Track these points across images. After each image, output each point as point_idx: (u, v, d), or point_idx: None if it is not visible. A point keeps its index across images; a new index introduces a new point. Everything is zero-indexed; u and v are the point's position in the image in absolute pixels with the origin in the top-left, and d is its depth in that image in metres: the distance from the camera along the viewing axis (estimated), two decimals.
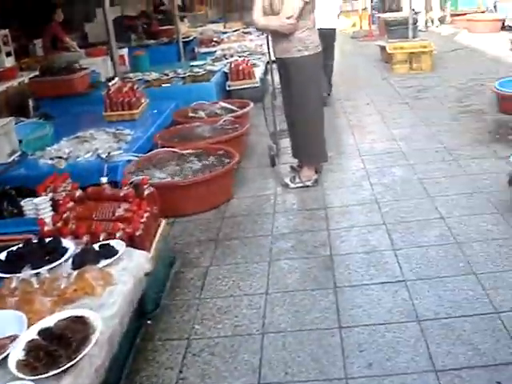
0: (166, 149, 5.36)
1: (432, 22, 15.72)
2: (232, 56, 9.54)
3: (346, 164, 5.63)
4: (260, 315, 3.28)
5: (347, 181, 5.20)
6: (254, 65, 8.65)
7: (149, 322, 3.33)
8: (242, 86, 8.06)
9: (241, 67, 8.17)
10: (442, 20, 15.80)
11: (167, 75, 8.26)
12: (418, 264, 3.65)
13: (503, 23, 13.72)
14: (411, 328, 3.03)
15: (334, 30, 8.41)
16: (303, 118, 4.96)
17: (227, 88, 8.11)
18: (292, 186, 5.11)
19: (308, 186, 5.08)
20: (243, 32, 12.75)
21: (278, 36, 4.78)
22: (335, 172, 5.41)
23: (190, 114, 6.58)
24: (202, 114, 6.57)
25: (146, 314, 3.35)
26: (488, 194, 4.56)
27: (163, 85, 7.75)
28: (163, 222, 3.88)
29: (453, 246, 3.83)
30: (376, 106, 7.82)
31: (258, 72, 8.39)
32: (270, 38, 5.18)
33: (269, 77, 6.22)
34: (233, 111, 6.59)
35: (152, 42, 11.82)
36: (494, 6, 15.04)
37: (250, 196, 5.08)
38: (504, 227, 4.01)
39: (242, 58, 8.85)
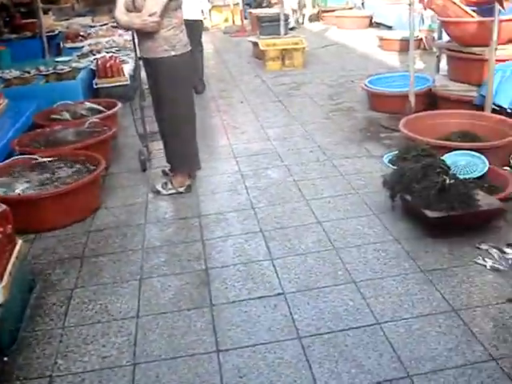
0: (24, 156, 4.92)
1: (303, 18, 15.87)
2: (100, 52, 9.04)
3: (220, 167, 5.42)
4: (131, 343, 3.00)
5: (222, 185, 4.98)
6: (123, 61, 8.24)
7: (5, 359, 2.94)
8: (111, 84, 7.65)
9: (109, 64, 7.75)
10: (313, 17, 15.98)
11: (29, 73, 7.65)
12: (297, 274, 3.51)
13: (371, 20, 14.10)
14: (292, 347, 2.87)
15: (200, 21, 8.26)
16: (173, 121, 4.68)
17: (94, 86, 7.66)
18: (164, 192, 4.83)
19: (181, 193, 4.81)
20: (112, 26, 12.13)
21: (143, 34, 4.45)
22: (209, 176, 5.18)
23: (53, 116, 6.12)
24: (66, 115, 6.15)
25: (2, 349, 2.96)
26: (363, 195, 4.53)
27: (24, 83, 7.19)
28: (19, 241, 3.48)
29: (331, 252, 3.74)
30: (250, 105, 7.67)
31: (128, 69, 7.99)
32: (135, 35, 4.85)
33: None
34: (100, 112, 6.22)
35: (14, 36, 11.00)
36: (362, 3, 15.41)
37: (119, 205, 4.73)
38: (380, 230, 3.98)
39: (111, 54, 8.39)
